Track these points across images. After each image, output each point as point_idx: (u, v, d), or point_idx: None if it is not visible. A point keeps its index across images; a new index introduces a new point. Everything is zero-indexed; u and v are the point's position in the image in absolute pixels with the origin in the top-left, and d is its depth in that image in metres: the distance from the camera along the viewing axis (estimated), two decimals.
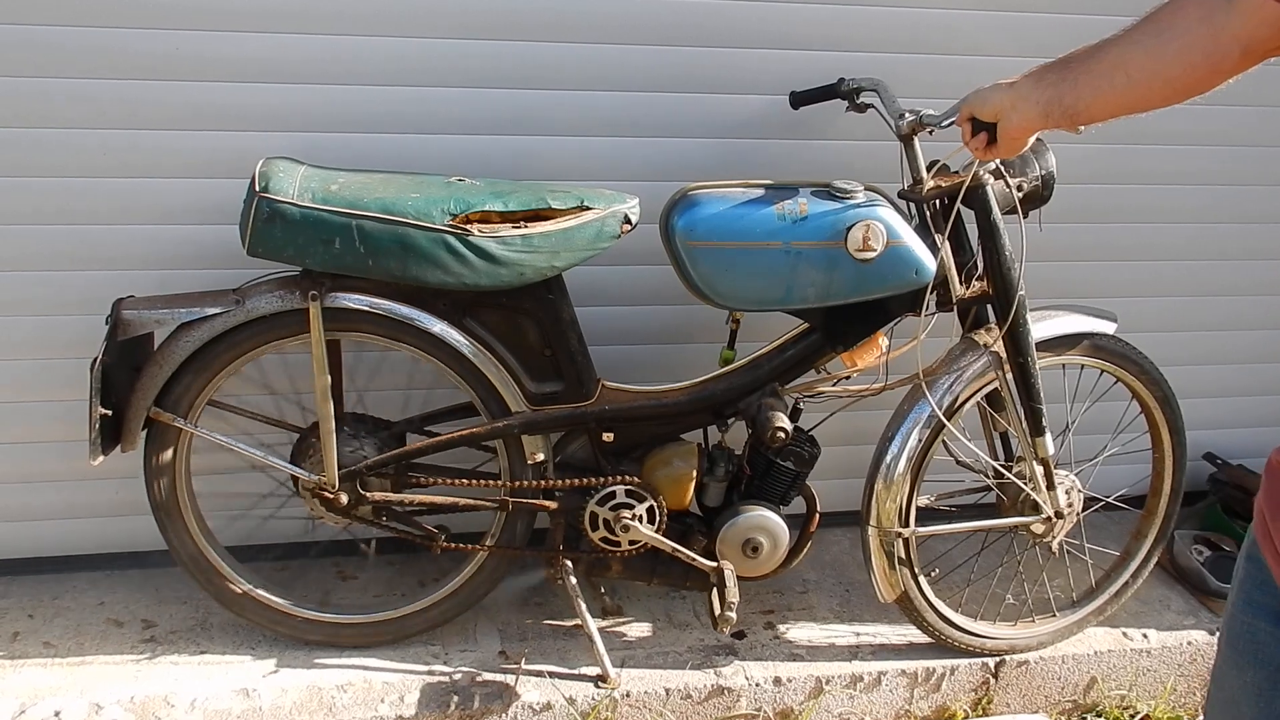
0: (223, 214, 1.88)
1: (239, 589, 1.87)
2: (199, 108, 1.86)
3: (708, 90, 2.04)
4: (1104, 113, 1.20)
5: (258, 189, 1.58)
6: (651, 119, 2.04)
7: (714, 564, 1.86)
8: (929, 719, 2.04)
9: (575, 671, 1.91)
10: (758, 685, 1.93)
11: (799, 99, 2.00)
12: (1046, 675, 2.08)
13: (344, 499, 1.77)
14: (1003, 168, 1.79)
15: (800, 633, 2.08)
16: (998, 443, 2.03)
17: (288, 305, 1.67)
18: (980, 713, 2.05)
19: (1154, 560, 2.14)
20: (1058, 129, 1.30)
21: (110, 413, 1.65)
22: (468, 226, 1.62)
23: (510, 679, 1.87)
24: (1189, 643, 2.14)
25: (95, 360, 1.62)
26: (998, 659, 2.04)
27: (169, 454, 1.76)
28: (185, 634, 1.96)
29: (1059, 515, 1.95)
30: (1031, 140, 1.43)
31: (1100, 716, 2.11)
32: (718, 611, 1.80)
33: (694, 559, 1.86)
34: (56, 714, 1.74)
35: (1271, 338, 2.55)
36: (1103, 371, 2.01)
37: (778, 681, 1.94)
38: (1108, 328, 1.96)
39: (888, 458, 1.87)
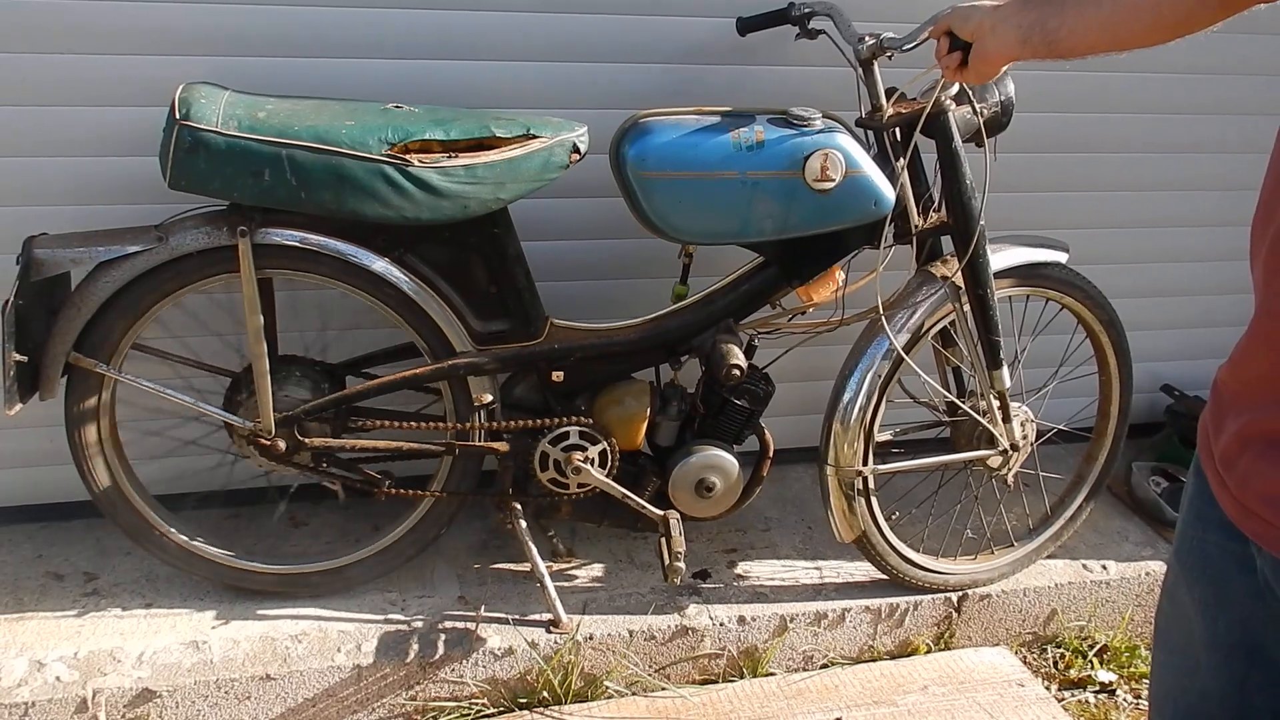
0: (144, 144, 1.78)
1: (172, 540, 1.81)
2: (117, 30, 1.76)
3: (657, 12, 1.97)
4: (1084, 43, 1.15)
5: (178, 117, 1.50)
6: (599, 42, 1.96)
7: (661, 512, 1.83)
8: (892, 653, 2.04)
9: (537, 616, 1.88)
10: (722, 625, 1.92)
11: (747, 25, 1.93)
12: (1008, 608, 2.09)
13: (281, 445, 1.71)
14: (968, 93, 1.75)
15: (764, 571, 2.07)
16: (950, 378, 2.02)
17: (215, 242, 1.59)
18: (943, 646, 2.07)
19: (1105, 482, 2.16)
20: (1035, 59, 1.26)
21: (25, 359, 1.57)
22: (407, 156, 1.55)
23: (471, 625, 1.84)
24: (1147, 573, 2.16)
25: (6, 302, 1.54)
26: (960, 594, 2.05)
27: (92, 401, 1.68)
28: (130, 586, 1.91)
29: (1014, 448, 1.95)
30: (1004, 69, 1.39)
31: (1060, 647, 2.14)
32: (666, 562, 1.78)
33: (642, 506, 1.83)
34: None
35: (1227, 269, 2.56)
36: (1048, 300, 2.01)
37: (742, 621, 1.93)
38: (1061, 257, 1.95)
39: (845, 396, 1.84)
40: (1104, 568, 2.17)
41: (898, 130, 1.75)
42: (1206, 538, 0.93)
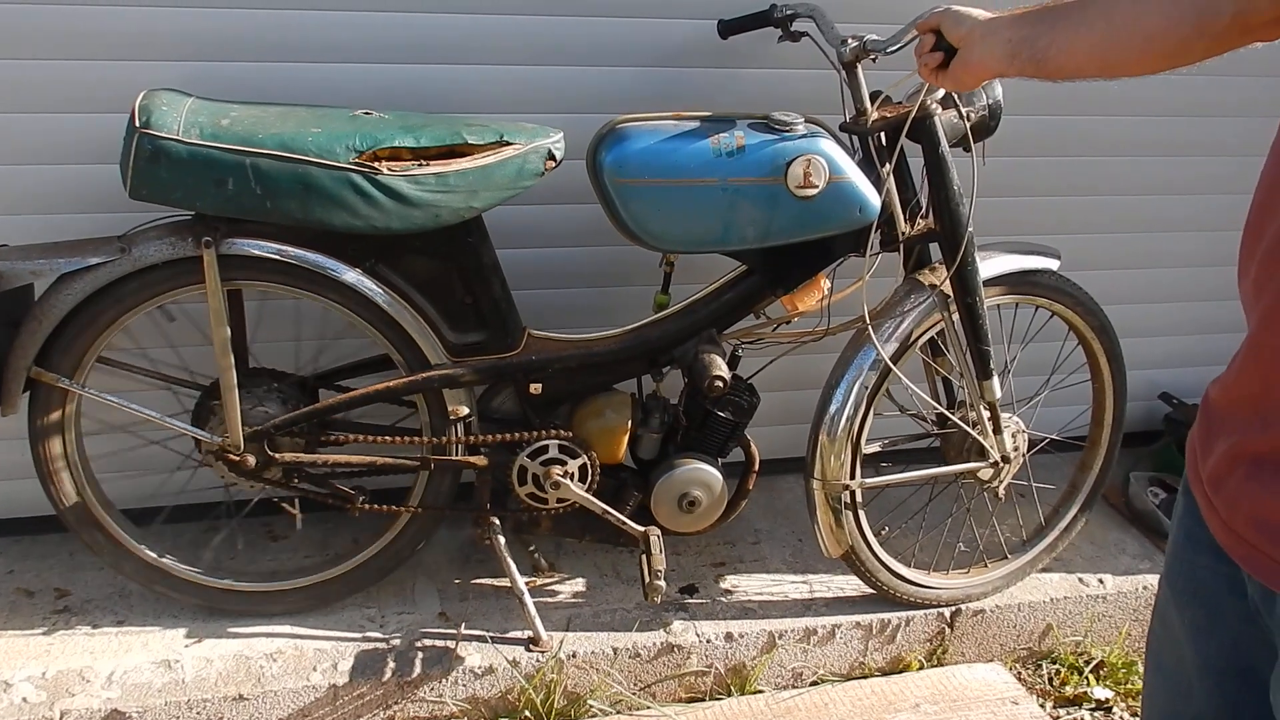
0: (109, 152, 1.73)
1: (141, 557, 1.77)
2: (77, 34, 1.72)
3: (636, 14, 1.93)
4: (1073, 65, 1.12)
5: (138, 124, 1.47)
6: (576, 46, 1.93)
7: (641, 529, 1.79)
8: (883, 670, 2.00)
9: (518, 634, 1.85)
10: (709, 641, 1.88)
11: (728, 27, 1.89)
12: (1002, 624, 2.05)
13: (251, 461, 1.68)
14: (954, 96, 1.72)
15: (752, 585, 2.04)
16: (939, 388, 1.98)
17: (179, 253, 1.56)
18: (935, 663, 2.03)
19: (1100, 492, 2.13)
20: (1020, 76, 1.22)
21: None
22: (376, 165, 1.52)
23: (450, 642, 1.81)
24: (1144, 587, 2.12)
25: None
26: (953, 609, 2.01)
27: (55, 416, 1.65)
28: (102, 602, 1.87)
29: (1005, 460, 1.91)
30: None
31: (1055, 664, 2.10)
32: (646, 580, 1.74)
33: (623, 523, 1.80)
34: None
35: (1226, 274, 2.48)
36: (1038, 308, 1.97)
37: (729, 637, 1.89)
38: (1052, 264, 1.92)
39: (831, 408, 1.80)
40: (1100, 581, 2.12)
41: (883, 135, 1.72)
42: (1197, 560, 0.92)
